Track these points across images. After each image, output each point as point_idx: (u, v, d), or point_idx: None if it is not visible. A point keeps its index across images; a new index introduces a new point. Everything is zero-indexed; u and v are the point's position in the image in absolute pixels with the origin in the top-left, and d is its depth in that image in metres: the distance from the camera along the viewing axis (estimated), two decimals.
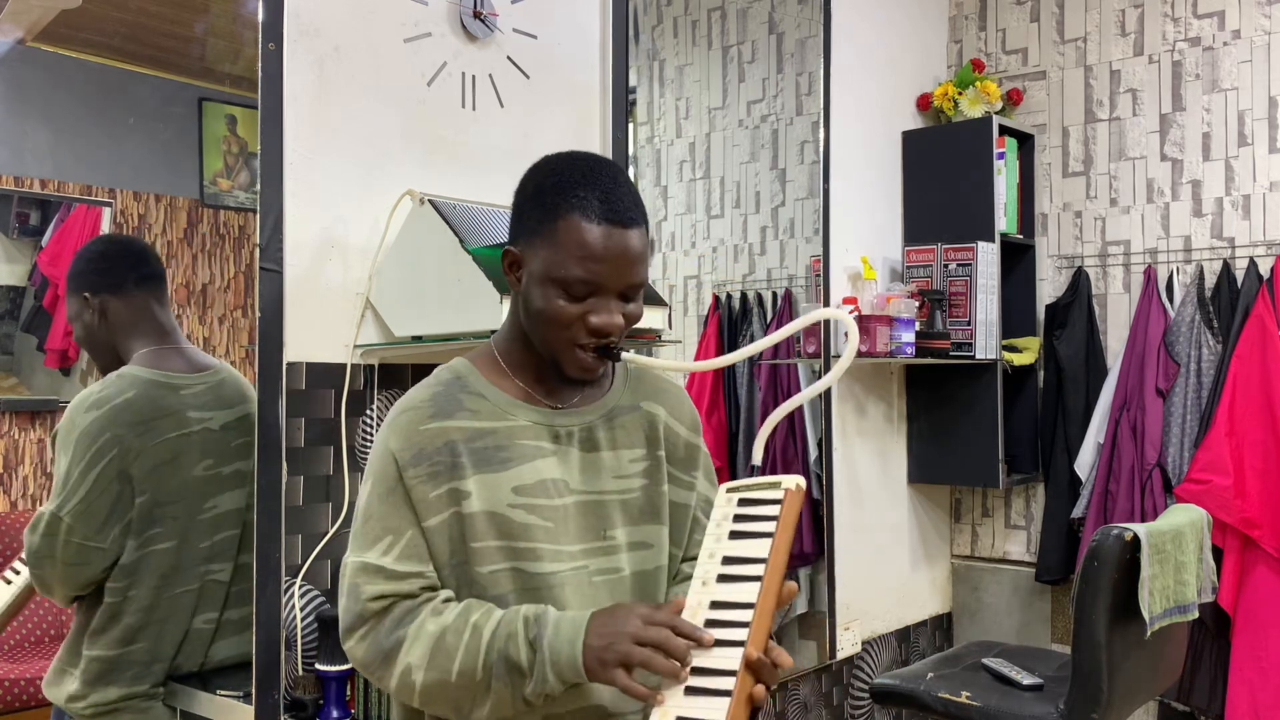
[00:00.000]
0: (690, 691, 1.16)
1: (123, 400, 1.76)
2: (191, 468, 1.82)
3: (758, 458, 1.38)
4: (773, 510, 1.26)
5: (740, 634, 1.18)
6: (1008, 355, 3.22)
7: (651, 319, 1.91)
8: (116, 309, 1.83)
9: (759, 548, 1.24)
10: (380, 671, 1.28)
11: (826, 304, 2.92)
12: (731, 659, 1.16)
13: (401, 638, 1.26)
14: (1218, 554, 2.80)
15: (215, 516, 1.85)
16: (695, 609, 1.22)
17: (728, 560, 1.25)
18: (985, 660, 2.68)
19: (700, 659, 1.18)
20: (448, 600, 1.30)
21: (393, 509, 1.31)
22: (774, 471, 2.46)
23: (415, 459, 1.31)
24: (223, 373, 1.91)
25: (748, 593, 1.21)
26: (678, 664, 1.17)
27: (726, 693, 1.14)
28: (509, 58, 2.19)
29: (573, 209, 1.29)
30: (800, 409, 2.94)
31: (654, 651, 1.18)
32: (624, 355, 1.34)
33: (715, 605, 1.22)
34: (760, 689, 1.17)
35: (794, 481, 1.27)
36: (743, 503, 1.30)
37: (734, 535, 1.27)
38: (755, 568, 1.22)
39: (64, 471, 1.72)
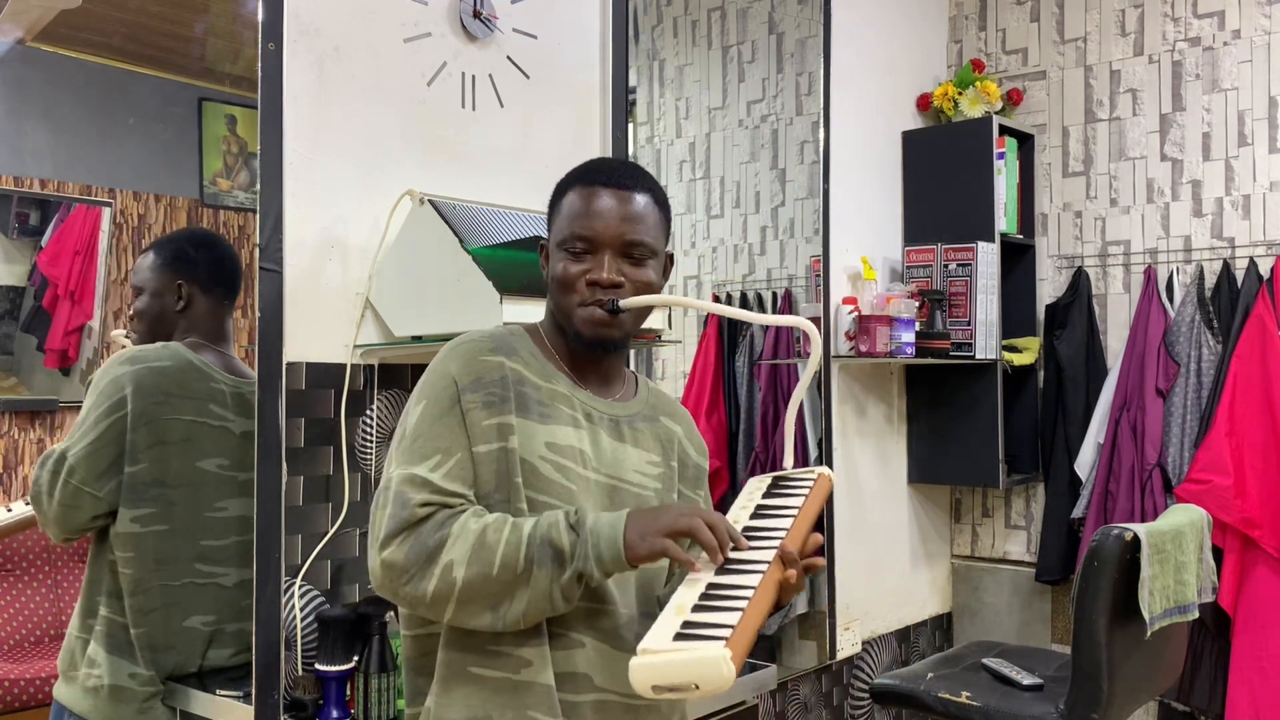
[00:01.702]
0: (723, 572, 1.25)
1: (158, 366, 1.81)
2: (200, 459, 1.83)
3: (789, 463, 1.47)
4: (806, 483, 1.40)
5: (775, 540, 1.28)
6: (1008, 355, 3.22)
7: (651, 319, 1.91)
8: (200, 304, 1.89)
9: (793, 501, 1.36)
10: (420, 573, 1.27)
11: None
12: (766, 554, 1.25)
13: (445, 536, 1.27)
14: (1218, 554, 2.81)
15: (225, 519, 1.85)
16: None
17: (762, 508, 1.37)
18: (985, 660, 2.68)
19: (737, 555, 1.28)
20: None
21: (446, 429, 1.34)
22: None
23: (474, 385, 1.35)
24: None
25: (781, 524, 1.32)
26: (717, 544, 1.24)
27: (760, 572, 1.22)
28: (509, 58, 2.19)
29: (574, 184, 1.44)
30: (800, 409, 2.94)
31: (700, 525, 1.25)
32: (621, 303, 1.40)
33: (749, 530, 1.33)
34: (793, 573, 1.26)
35: (827, 470, 1.44)
36: (777, 479, 1.44)
37: (768, 495, 1.40)
38: (789, 511, 1.34)
39: (83, 414, 1.76)
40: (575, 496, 1.36)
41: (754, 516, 1.35)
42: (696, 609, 1.19)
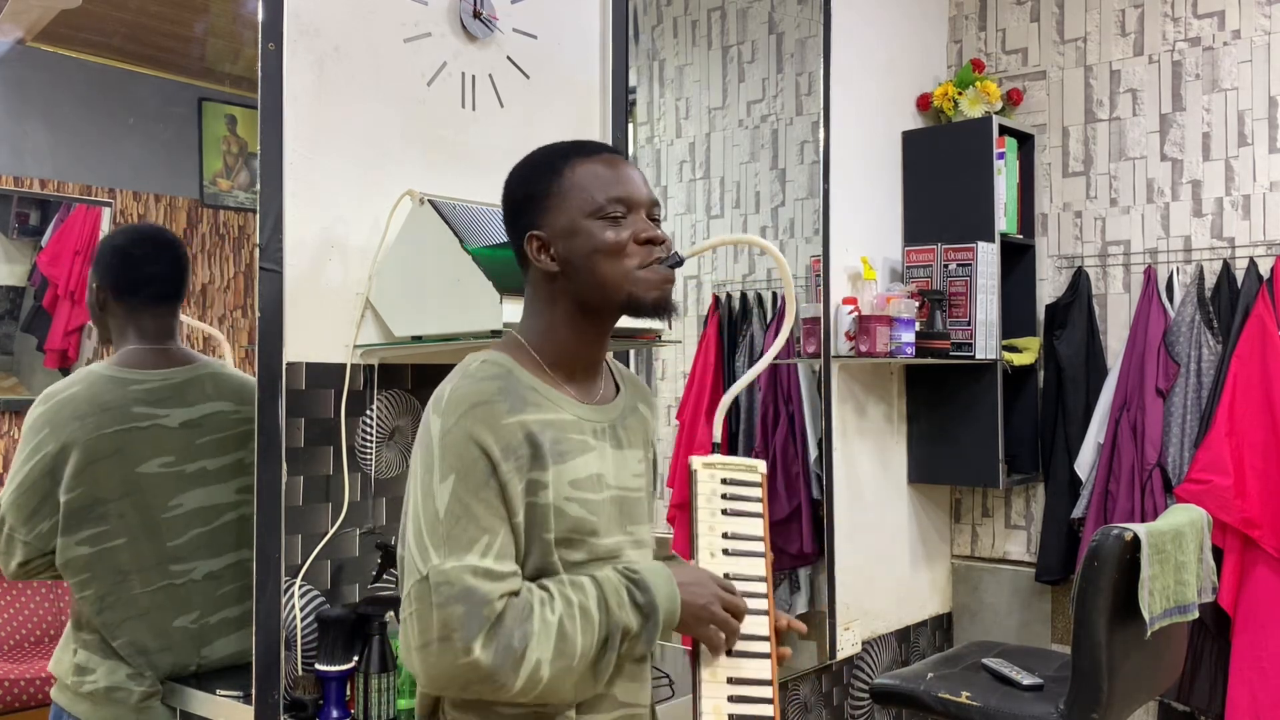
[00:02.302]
0: (729, 653, 1.37)
1: (67, 395, 1.77)
2: (139, 464, 1.79)
3: (718, 434, 1.55)
4: (756, 493, 1.46)
5: (760, 604, 1.39)
6: (1008, 355, 3.22)
7: (650, 319, 1.90)
8: (114, 306, 1.85)
9: (753, 526, 1.44)
10: (508, 673, 1.22)
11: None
12: (760, 625, 1.39)
13: (527, 634, 1.23)
14: (1218, 554, 2.80)
15: (183, 515, 1.83)
16: None
17: (728, 536, 1.43)
18: (985, 660, 2.68)
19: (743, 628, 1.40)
20: (543, 589, 1.30)
21: (486, 507, 1.25)
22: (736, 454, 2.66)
23: (505, 453, 1.27)
24: (199, 370, 1.89)
25: (754, 566, 1.40)
26: (736, 636, 1.37)
27: (765, 655, 1.37)
28: (509, 58, 2.19)
29: (571, 159, 1.38)
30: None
31: (736, 628, 1.38)
32: (684, 252, 1.42)
33: (727, 577, 1.41)
34: (786, 650, 1.39)
35: (763, 465, 1.50)
36: (725, 482, 1.47)
37: (726, 513, 1.46)
38: (754, 544, 1.42)
39: (14, 460, 1.75)
40: (598, 526, 1.36)
41: (726, 554, 1.43)
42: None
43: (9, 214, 1.77)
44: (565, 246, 1.35)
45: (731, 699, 1.33)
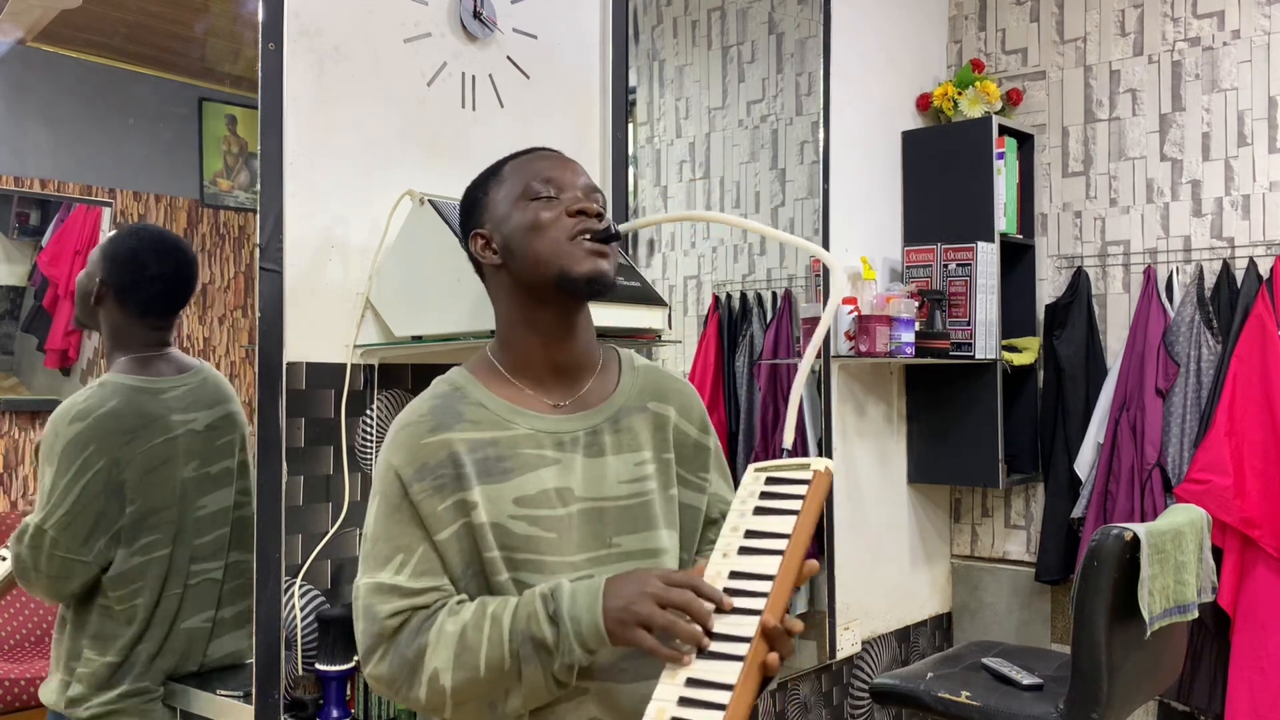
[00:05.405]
0: (703, 655, 1.17)
1: (107, 410, 1.76)
2: (180, 471, 1.82)
3: (789, 440, 1.34)
4: (800, 490, 1.27)
5: (758, 603, 1.18)
6: (1008, 355, 3.23)
7: (651, 319, 1.91)
8: (111, 307, 1.84)
9: (783, 524, 1.24)
10: (407, 684, 1.25)
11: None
12: (747, 626, 1.17)
13: (424, 645, 1.24)
14: (1217, 554, 2.81)
15: (206, 516, 1.85)
16: (714, 578, 1.22)
17: (750, 534, 1.25)
18: (985, 660, 2.68)
19: (717, 625, 1.18)
20: (462, 601, 1.29)
21: (401, 526, 1.29)
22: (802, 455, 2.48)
23: (419, 473, 1.29)
24: (204, 373, 1.91)
25: (768, 565, 1.21)
26: (699, 629, 1.16)
27: (739, 658, 1.15)
28: (509, 58, 2.19)
29: (507, 161, 1.42)
30: (800, 410, 2.93)
31: (677, 614, 1.17)
32: (621, 226, 1.38)
33: (734, 575, 1.22)
34: (774, 657, 1.16)
35: (824, 464, 1.27)
36: (770, 481, 1.30)
37: (759, 511, 1.27)
38: (777, 542, 1.23)
39: (49, 484, 1.71)
40: (555, 544, 1.31)
41: (742, 551, 1.25)
42: None
43: (9, 214, 1.77)
44: (502, 233, 1.36)
45: (682, 701, 1.14)
